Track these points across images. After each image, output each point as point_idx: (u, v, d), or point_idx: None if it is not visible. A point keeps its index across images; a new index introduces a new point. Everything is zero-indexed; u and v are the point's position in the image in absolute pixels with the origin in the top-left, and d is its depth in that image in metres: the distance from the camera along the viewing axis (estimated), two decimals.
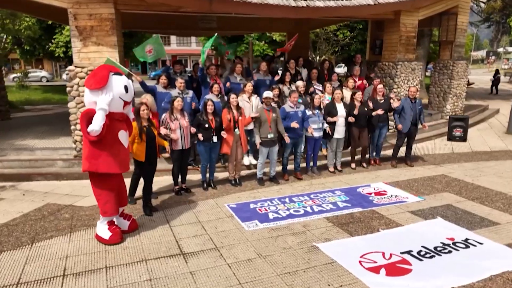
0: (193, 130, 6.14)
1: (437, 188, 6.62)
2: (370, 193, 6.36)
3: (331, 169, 7.61)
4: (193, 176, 7.10)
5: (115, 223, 4.76)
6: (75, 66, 7.05)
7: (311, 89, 8.16)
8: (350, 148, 7.85)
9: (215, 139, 6.30)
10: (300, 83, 7.82)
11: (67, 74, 7.04)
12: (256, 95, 7.40)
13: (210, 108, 6.25)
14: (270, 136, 6.61)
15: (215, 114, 6.35)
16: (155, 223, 5.24)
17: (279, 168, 7.35)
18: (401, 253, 4.37)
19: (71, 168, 7.19)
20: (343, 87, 8.44)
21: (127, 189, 5.12)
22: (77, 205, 5.87)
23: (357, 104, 7.46)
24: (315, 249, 4.49)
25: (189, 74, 8.82)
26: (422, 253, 4.37)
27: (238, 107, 6.56)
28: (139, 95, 6.30)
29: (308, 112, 7.05)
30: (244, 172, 7.51)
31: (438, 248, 4.47)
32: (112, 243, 4.58)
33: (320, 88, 8.38)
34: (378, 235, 4.83)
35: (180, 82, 6.93)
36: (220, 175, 7.27)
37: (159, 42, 7.26)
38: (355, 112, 7.27)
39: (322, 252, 4.41)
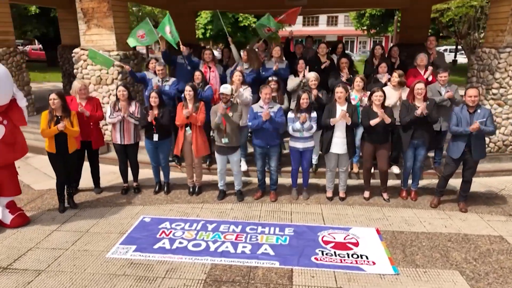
0: (151, 114, 5.29)
1: (450, 258, 4.05)
2: (329, 242, 4.37)
3: (329, 194, 5.63)
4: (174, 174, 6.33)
5: None
6: (81, 49, 7.13)
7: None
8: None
9: (155, 137, 5.39)
10: (311, 75, 5.93)
11: (73, 57, 7.21)
12: (246, 87, 6.01)
13: (153, 100, 5.35)
14: (225, 141, 5.25)
15: (161, 108, 5.40)
16: (51, 222, 4.85)
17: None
18: None
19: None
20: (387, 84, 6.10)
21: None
22: None
23: (377, 110, 5.21)
24: None
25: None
26: None
27: (195, 102, 5.42)
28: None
29: (291, 115, 5.30)
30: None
31: None
32: None
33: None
34: None
35: (158, 68, 6.18)
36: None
37: (150, 27, 6.48)
38: (372, 122, 5.08)
39: None
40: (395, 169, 6.28)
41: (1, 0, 7.95)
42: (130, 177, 5.83)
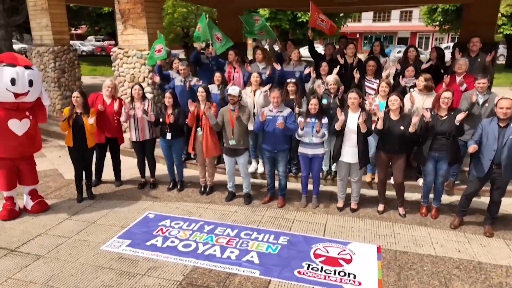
0: (152, 117, 5.54)
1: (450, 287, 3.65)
2: (320, 256, 4.16)
3: (340, 204, 5.36)
4: (189, 171, 6.52)
5: (15, 200, 5.05)
6: (118, 48, 7.55)
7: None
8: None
9: (168, 136, 5.54)
10: (330, 79, 5.68)
11: (111, 55, 7.66)
12: (264, 89, 5.92)
13: (167, 100, 5.51)
14: (232, 143, 5.24)
15: (176, 107, 5.54)
16: (66, 211, 5.23)
17: None
18: None
19: None
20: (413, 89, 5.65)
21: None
22: None
23: (393, 115, 4.86)
24: None
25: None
26: None
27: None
28: None
29: (300, 120, 5.13)
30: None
31: None
32: None
33: (375, 86, 5.85)
34: None
35: (181, 68, 6.34)
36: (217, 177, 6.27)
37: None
38: (379, 125, 4.77)
39: None
40: (421, 182, 5.79)
41: (57, 3, 8.68)
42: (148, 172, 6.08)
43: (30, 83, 4.64)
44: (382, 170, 5.10)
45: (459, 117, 4.52)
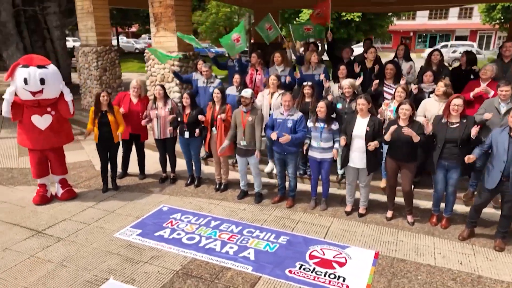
0: (169, 117, 5.90)
1: None
2: (315, 258, 4.26)
3: (348, 208, 5.38)
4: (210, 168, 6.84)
5: (47, 187, 5.61)
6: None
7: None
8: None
9: (186, 134, 5.86)
10: (345, 83, 5.70)
11: (144, 56, 8.14)
12: (282, 91, 6.05)
13: (185, 101, 5.83)
14: (243, 143, 5.44)
15: (194, 107, 5.85)
16: (91, 199, 5.71)
17: None
18: None
19: None
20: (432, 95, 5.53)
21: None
22: None
23: (403, 123, 4.82)
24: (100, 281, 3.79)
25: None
26: None
27: (222, 103, 5.72)
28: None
29: (309, 124, 5.22)
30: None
31: None
32: (33, 202, 5.49)
33: (393, 91, 5.77)
34: None
35: (204, 70, 6.65)
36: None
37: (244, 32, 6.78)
38: (386, 137, 4.75)
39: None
40: None
41: (102, 6, 9.35)
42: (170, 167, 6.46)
43: (42, 81, 4.94)
44: (391, 176, 5.06)
45: (473, 132, 4.39)
